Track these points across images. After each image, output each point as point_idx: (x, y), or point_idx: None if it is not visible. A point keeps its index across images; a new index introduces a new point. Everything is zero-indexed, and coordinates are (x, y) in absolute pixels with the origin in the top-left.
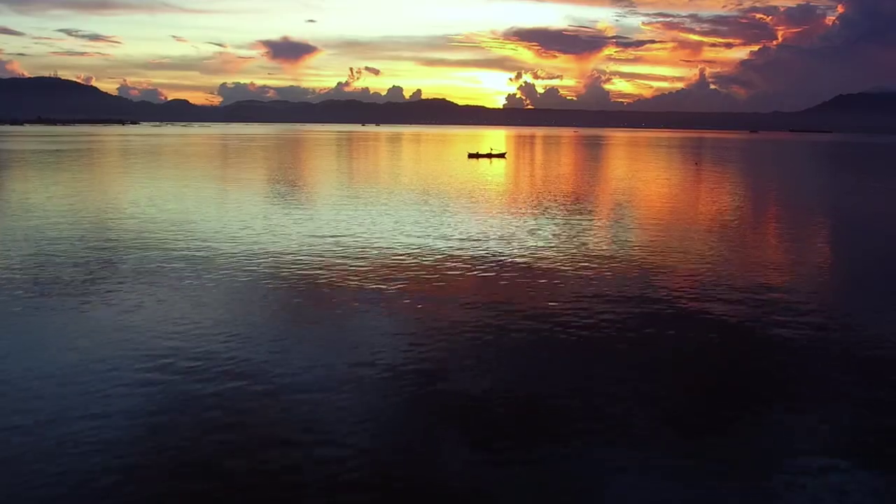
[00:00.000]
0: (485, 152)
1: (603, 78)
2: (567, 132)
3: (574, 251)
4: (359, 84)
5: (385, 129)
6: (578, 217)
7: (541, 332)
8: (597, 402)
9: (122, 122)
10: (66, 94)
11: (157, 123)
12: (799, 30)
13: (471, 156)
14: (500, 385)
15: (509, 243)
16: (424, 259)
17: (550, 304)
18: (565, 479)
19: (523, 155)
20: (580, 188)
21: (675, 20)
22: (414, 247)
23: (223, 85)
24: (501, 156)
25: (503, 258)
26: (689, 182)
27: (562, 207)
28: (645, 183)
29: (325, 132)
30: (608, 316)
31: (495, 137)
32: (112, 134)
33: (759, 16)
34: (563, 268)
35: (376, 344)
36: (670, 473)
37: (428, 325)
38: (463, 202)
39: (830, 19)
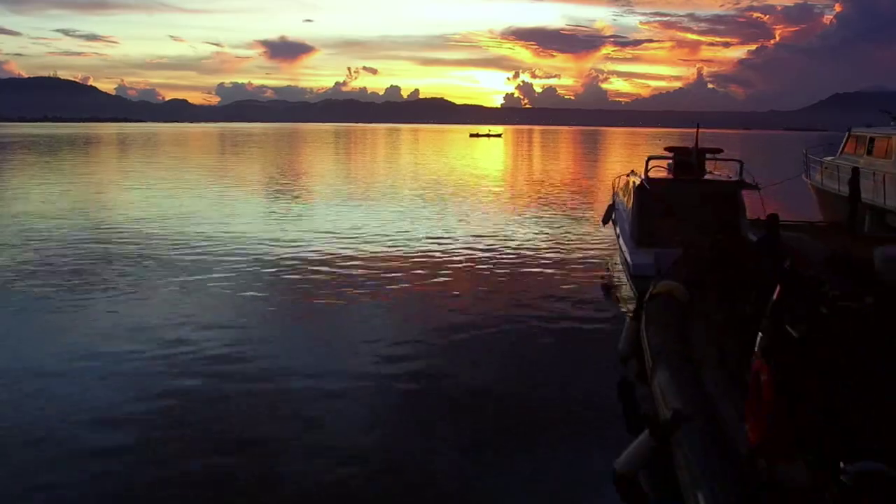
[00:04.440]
0: (484, 133)
1: (601, 77)
2: (563, 129)
3: (568, 239)
4: (357, 84)
5: (387, 126)
6: (566, 200)
7: (542, 328)
8: (598, 399)
9: (129, 121)
10: (66, 93)
11: (164, 123)
12: (796, 29)
13: (472, 135)
14: (499, 382)
15: (508, 233)
16: (425, 251)
17: (550, 297)
18: (565, 479)
19: (519, 140)
20: (564, 165)
21: (673, 19)
22: (414, 238)
23: (221, 84)
24: (498, 135)
25: (502, 248)
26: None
27: (550, 188)
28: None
29: (327, 127)
30: (607, 308)
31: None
32: (130, 128)
33: (756, 15)
34: (560, 257)
35: (374, 339)
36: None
37: (428, 321)
38: (462, 188)
39: (828, 18)
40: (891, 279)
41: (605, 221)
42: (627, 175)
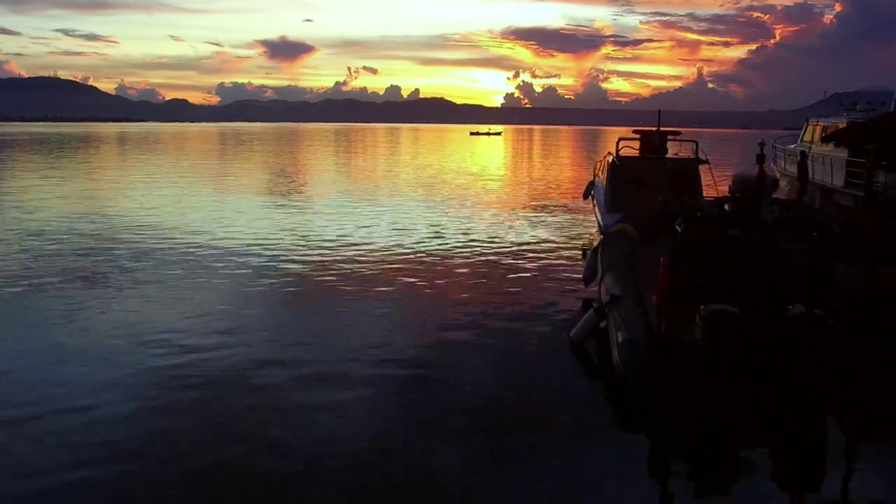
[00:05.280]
0: (484, 131)
1: (601, 77)
2: (563, 128)
3: (561, 227)
4: (357, 83)
5: (387, 125)
6: (559, 191)
7: (540, 322)
8: (598, 398)
9: (129, 121)
10: (66, 93)
11: (164, 123)
12: (796, 28)
13: (472, 133)
14: (499, 381)
15: (505, 225)
16: (424, 246)
17: (548, 288)
18: (565, 479)
19: (518, 138)
20: (559, 160)
21: (673, 19)
22: (414, 232)
23: (221, 84)
24: (497, 134)
25: (500, 239)
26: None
27: (545, 180)
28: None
29: (327, 127)
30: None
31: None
32: (131, 128)
33: (756, 14)
34: (555, 245)
35: (373, 338)
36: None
37: (427, 319)
38: (461, 181)
39: (828, 18)
40: (739, 192)
41: (585, 196)
42: (605, 156)
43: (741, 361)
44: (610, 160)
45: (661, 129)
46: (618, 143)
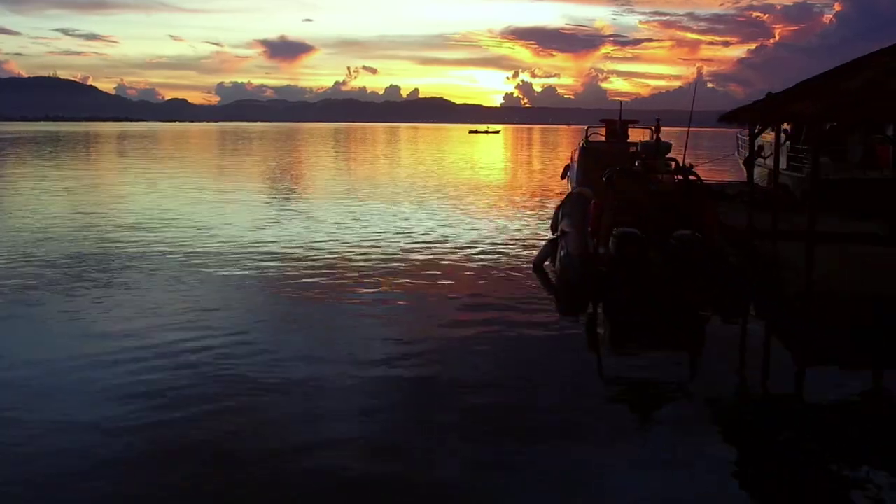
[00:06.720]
0: (483, 130)
1: (600, 76)
2: (563, 128)
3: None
4: (356, 83)
5: (387, 125)
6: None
7: (541, 321)
8: (600, 395)
9: (129, 120)
10: (66, 93)
11: (164, 123)
12: (796, 28)
13: (471, 132)
14: (499, 381)
15: (502, 222)
16: (422, 245)
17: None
18: (566, 476)
19: (517, 137)
20: (554, 157)
21: (673, 19)
22: (413, 231)
23: (220, 84)
24: (496, 132)
25: (497, 236)
26: None
27: (538, 176)
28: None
29: (327, 127)
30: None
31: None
32: (133, 127)
33: (756, 14)
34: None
35: (372, 338)
36: (676, 467)
37: (427, 318)
38: (459, 179)
39: (828, 17)
40: (644, 154)
41: (562, 177)
42: (579, 144)
43: (642, 268)
44: (581, 145)
45: (622, 119)
46: (587, 131)
